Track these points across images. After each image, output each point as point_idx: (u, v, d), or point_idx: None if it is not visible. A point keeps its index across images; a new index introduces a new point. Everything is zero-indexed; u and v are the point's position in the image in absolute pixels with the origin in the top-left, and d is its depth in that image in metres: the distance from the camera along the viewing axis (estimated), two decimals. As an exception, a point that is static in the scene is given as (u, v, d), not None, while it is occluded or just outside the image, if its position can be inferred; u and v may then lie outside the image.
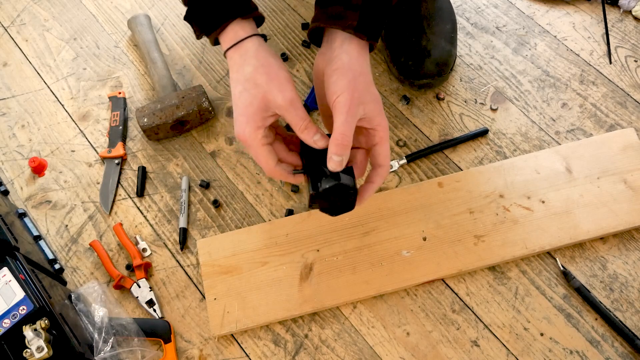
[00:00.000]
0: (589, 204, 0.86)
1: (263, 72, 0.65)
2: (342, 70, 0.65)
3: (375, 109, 0.66)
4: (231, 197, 0.95)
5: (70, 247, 0.94)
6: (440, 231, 0.86)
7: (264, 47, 0.67)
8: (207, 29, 0.69)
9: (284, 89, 0.64)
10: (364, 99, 0.65)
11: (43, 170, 1.01)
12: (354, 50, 0.66)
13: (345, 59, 0.66)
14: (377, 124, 0.66)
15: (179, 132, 1.00)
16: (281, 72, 0.65)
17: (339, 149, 0.63)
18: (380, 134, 0.67)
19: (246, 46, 0.67)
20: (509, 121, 0.95)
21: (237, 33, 0.67)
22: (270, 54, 0.67)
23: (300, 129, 0.65)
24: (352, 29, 0.65)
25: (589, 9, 1.03)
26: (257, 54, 0.66)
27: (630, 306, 0.81)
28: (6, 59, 1.13)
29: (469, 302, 0.84)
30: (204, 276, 0.87)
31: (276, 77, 0.65)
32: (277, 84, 0.64)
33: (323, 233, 0.88)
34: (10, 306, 0.76)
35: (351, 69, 0.65)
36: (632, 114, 0.94)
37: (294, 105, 0.64)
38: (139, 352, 0.84)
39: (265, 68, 0.65)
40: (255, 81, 0.65)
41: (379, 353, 0.82)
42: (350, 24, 0.65)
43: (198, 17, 0.70)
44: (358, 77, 0.65)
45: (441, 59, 0.93)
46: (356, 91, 0.64)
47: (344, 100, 0.63)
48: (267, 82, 0.64)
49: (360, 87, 0.65)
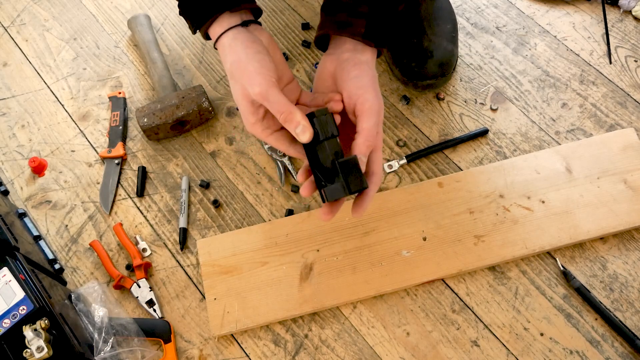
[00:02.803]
0: (589, 204, 0.86)
1: (236, 67, 0.65)
2: (363, 67, 0.66)
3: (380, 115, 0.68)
4: (231, 197, 0.95)
5: (70, 247, 0.94)
6: (440, 231, 0.86)
7: (238, 38, 0.66)
8: (197, 23, 0.69)
9: (253, 82, 0.63)
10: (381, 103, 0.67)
11: (43, 170, 1.01)
12: (367, 53, 0.68)
13: (363, 59, 0.67)
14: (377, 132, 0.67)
15: (179, 132, 1.00)
16: (250, 64, 0.64)
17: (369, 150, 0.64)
18: (378, 142, 0.67)
19: (223, 41, 0.67)
20: (509, 121, 0.95)
21: (222, 25, 0.67)
22: (242, 45, 0.65)
23: (280, 120, 0.63)
24: (360, 36, 0.66)
25: (589, 9, 1.03)
26: (230, 49, 0.66)
27: (630, 306, 0.81)
28: (6, 59, 1.13)
29: (469, 302, 0.84)
30: (204, 276, 0.87)
31: (246, 70, 0.64)
32: (247, 77, 0.64)
33: (323, 233, 0.88)
34: (10, 306, 0.76)
35: (370, 69, 0.67)
36: (632, 114, 0.94)
37: (267, 97, 0.63)
38: (139, 352, 0.84)
39: (237, 63, 0.65)
40: (233, 77, 0.66)
41: (379, 353, 0.82)
42: (358, 31, 0.66)
43: (188, 12, 0.70)
44: (375, 79, 0.67)
45: (444, 59, 0.93)
46: (379, 94, 0.66)
47: (372, 98, 0.64)
48: (240, 77, 0.65)
49: (378, 89, 0.67)
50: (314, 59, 1.04)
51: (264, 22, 1.09)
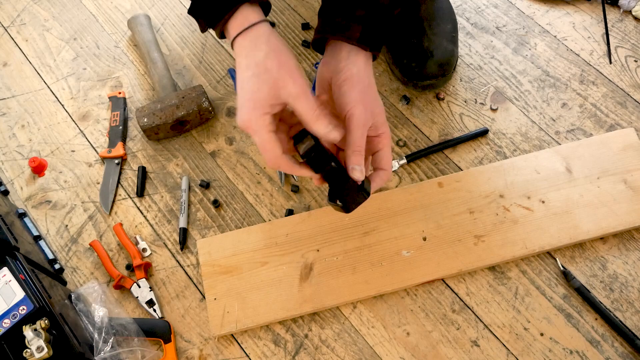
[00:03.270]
0: (589, 204, 0.86)
1: (274, 57, 0.63)
2: (351, 81, 0.67)
3: (381, 118, 0.69)
4: (231, 197, 0.95)
5: (70, 247, 0.94)
6: (440, 231, 0.86)
7: (275, 33, 0.66)
8: (215, 16, 0.66)
9: (296, 77, 0.63)
10: (373, 109, 0.68)
11: (43, 170, 1.01)
12: (360, 61, 0.68)
13: (354, 70, 0.67)
14: (382, 132, 0.69)
15: (179, 132, 1.00)
16: (292, 60, 0.64)
17: (360, 160, 0.66)
18: (384, 141, 0.69)
19: (257, 31, 0.65)
20: (509, 121, 0.95)
21: (248, 18, 0.65)
22: (281, 41, 0.65)
23: (312, 118, 0.63)
24: (355, 40, 0.67)
25: (589, 9, 1.03)
26: (269, 40, 0.64)
27: (630, 306, 0.81)
28: (6, 59, 1.13)
29: (469, 302, 0.84)
30: (204, 276, 0.87)
31: (287, 64, 0.63)
32: (288, 71, 0.63)
33: (323, 233, 0.88)
34: (10, 306, 0.76)
35: (360, 80, 0.67)
36: (632, 114, 0.94)
37: (306, 93, 0.63)
38: (139, 352, 0.84)
39: (276, 54, 0.63)
40: (266, 67, 0.63)
41: (379, 353, 0.82)
42: (354, 36, 0.67)
43: (205, 7, 0.68)
44: (367, 89, 0.68)
45: (444, 59, 0.93)
46: (368, 103, 0.67)
47: (358, 113, 0.66)
48: (278, 69, 0.63)
49: (370, 98, 0.67)
50: (314, 59, 1.04)
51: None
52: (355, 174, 0.66)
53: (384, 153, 0.70)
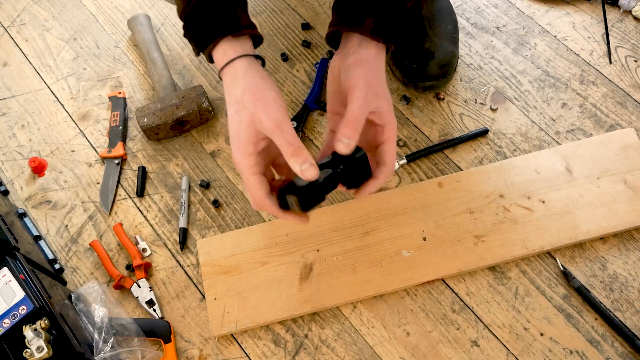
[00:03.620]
0: (589, 204, 0.86)
1: (250, 93, 0.64)
2: (359, 62, 0.67)
3: (386, 106, 0.67)
4: (231, 197, 0.95)
5: (70, 247, 0.94)
6: (440, 231, 0.86)
7: (254, 67, 0.66)
8: (200, 45, 0.69)
9: (270, 110, 0.62)
10: (378, 92, 0.66)
11: (43, 170, 1.01)
12: (372, 49, 0.68)
13: (363, 53, 0.67)
14: (386, 121, 0.66)
15: (179, 132, 1.00)
16: (268, 92, 0.64)
17: (350, 132, 0.62)
18: (388, 132, 0.67)
19: (235, 67, 0.66)
20: (509, 121, 0.95)
21: (227, 53, 0.66)
22: (259, 74, 0.66)
23: (287, 153, 0.61)
24: (368, 32, 0.67)
25: (589, 9, 1.03)
26: (246, 75, 0.65)
27: (630, 306, 0.81)
28: (6, 59, 1.13)
29: (469, 302, 0.84)
30: (204, 276, 0.87)
31: (262, 97, 0.63)
32: (262, 104, 0.63)
33: (323, 233, 0.88)
34: (10, 306, 0.76)
35: (368, 61, 0.67)
36: (632, 114, 0.94)
37: (281, 127, 0.62)
38: (139, 352, 0.84)
39: (252, 89, 0.64)
40: (243, 103, 0.64)
41: (379, 353, 0.82)
42: (367, 28, 0.67)
43: (192, 34, 0.69)
44: (374, 70, 0.67)
45: (445, 60, 0.93)
46: (372, 82, 0.66)
47: (360, 86, 0.64)
48: (253, 103, 0.63)
49: (375, 79, 0.66)
50: (314, 59, 1.04)
51: (264, 22, 1.09)
52: (339, 146, 0.62)
53: (387, 147, 0.67)
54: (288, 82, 1.03)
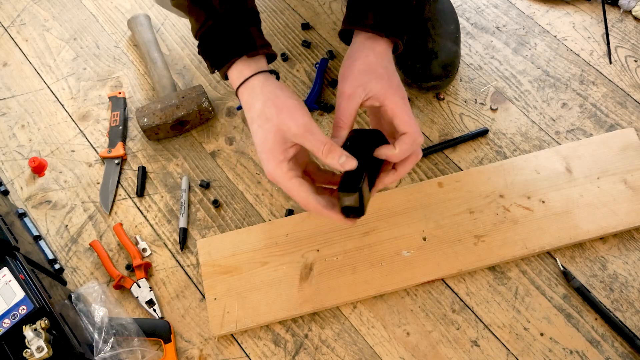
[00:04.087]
0: (589, 204, 0.86)
1: (271, 104, 0.65)
2: (345, 61, 0.68)
3: (379, 85, 0.66)
4: (231, 197, 0.95)
5: (70, 247, 0.94)
6: (440, 231, 0.86)
7: (271, 81, 0.67)
8: (216, 64, 0.69)
9: (296, 116, 0.63)
10: (362, 79, 0.66)
11: (43, 170, 1.01)
12: (359, 40, 0.69)
13: (351, 48, 0.69)
14: (383, 98, 0.66)
15: (179, 132, 1.00)
16: (290, 100, 0.65)
17: (336, 131, 0.66)
18: (390, 106, 0.66)
19: (252, 83, 0.67)
20: (509, 121, 0.95)
21: (242, 72, 0.67)
22: (277, 86, 0.67)
23: (323, 153, 0.63)
24: (369, 27, 0.68)
25: (589, 9, 1.03)
26: (263, 89, 0.66)
27: (630, 306, 0.81)
28: (6, 59, 1.13)
29: (469, 302, 0.84)
30: (204, 276, 0.87)
31: (284, 106, 0.64)
32: (287, 113, 0.64)
33: (323, 233, 0.88)
34: (10, 306, 0.76)
35: (352, 57, 0.68)
36: (632, 114, 0.94)
37: (310, 130, 0.63)
38: (139, 352, 0.84)
39: (272, 100, 0.65)
40: (265, 116, 0.64)
41: (379, 353, 0.82)
42: (367, 23, 0.68)
43: (207, 53, 0.70)
44: (355, 62, 0.67)
45: (447, 60, 0.93)
46: (351, 75, 0.67)
47: (340, 82, 0.67)
48: (277, 114, 0.64)
49: (356, 69, 0.67)
50: (314, 59, 1.04)
51: (264, 22, 1.09)
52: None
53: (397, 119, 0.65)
54: (288, 82, 1.03)
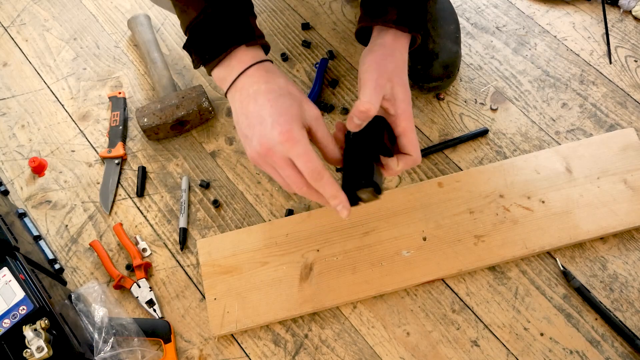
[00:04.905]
0: (589, 204, 0.86)
1: (294, 85, 0.66)
2: (372, 51, 0.68)
3: (402, 94, 0.66)
4: (231, 197, 0.95)
5: (70, 247, 0.94)
6: (440, 231, 0.86)
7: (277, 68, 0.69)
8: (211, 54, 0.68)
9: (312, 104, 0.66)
10: (392, 77, 0.66)
11: (43, 170, 1.01)
12: (388, 37, 0.69)
13: (378, 42, 0.68)
14: (401, 111, 0.66)
15: (179, 132, 1.00)
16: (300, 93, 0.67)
17: (362, 115, 0.64)
18: (403, 123, 0.66)
19: (268, 65, 0.67)
20: (509, 121, 0.95)
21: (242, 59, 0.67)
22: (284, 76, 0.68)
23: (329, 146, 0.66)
24: (392, 23, 0.68)
25: (589, 9, 1.03)
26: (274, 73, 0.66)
27: (630, 306, 0.81)
28: (6, 59, 1.13)
29: (469, 302, 0.84)
30: (204, 276, 0.87)
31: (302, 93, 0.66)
32: (306, 98, 0.66)
33: (323, 233, 0.88)
34: (10, 306, 0.76)
35: (382, 49, 0.68)
36: (632, 114, 0.94)
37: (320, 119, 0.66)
38: (139, 352, 0.84)
39: (293, 84, 0.67)
40: (289, 91, 0.65)
41: (379, 353, 0.82)
42: (390, 19, 0.68)
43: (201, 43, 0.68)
44: (387, 57, 0.67)
45: (449, 60, 0.93)
46: (384, 66, 0.66)
47: (371, 70, 0.65)
48: (299, 94, 0.65)
49: (389, 65, 0.66)
50: (314, 59, 1.04)
51: (264, 22, 1.09)
52: (350, 124, 0.65)
53: (405, 139, 0.67)
54: (288, 82, 1.03)
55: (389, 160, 0.67)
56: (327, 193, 0.63)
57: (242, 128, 0.66)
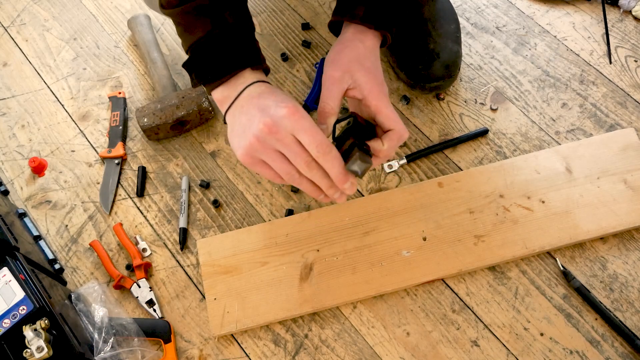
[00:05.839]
0: (589, 204, 0.86)
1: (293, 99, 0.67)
2: (332, 48, 0.69)
3: (364, 77, 0.67)
4: (231, 197, 0.95)
5: (70, 247, 0.94)
6: (440, 231, 0.86)
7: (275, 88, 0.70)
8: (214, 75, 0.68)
9: None
10: (350, 68, 0.66)
11: (43, 170, 1.01)
12: (349, 31, 0.70)
13: (339, 38, 0.70)
14: (367, 92, 0.67)
15: (179, 132, 1.00)
16: None
17: (321, 117, 0.66)
18: (373, 102, 0.67)
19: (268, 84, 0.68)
20: (509, 121, 0.95)
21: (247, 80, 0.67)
22: None
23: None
24: (358, 19, 0.68)
25: (589, 9, 1.03)
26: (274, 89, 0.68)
27: (630, 306, 0.81)
28: (6, 59, 1.13)
29: (469, 302, 0.84)
30: (204, 276, 0.87)
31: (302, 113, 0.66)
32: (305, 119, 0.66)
33: (323, 233, 0.88)
34: (10, 306, 0.76)
35: (340, 44, 0.69)
36: (632, 114, 0.94)
37: None
38: (139, 352, 0.84)
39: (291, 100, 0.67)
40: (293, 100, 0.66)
41: (379, 353, 0.82)
42: (357, 14, 0.68)
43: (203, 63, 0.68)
44: (344, 49, 0.68)
45: (450, 60, 0.93)
46: (338, 60, 0.67)
47: (326, 69, 0.67)
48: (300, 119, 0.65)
49: (345, 57, 0.67)
50: (314, 59, 1.04)
51: (264, 22, 1.09)
52: None
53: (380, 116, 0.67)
54: (288, 82, 1.03)
55: (373, 143, 0.66)
56: (335, 170, 0.63)
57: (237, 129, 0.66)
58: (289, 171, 0.64)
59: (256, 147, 0.63)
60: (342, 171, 0.63)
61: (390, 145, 0.66)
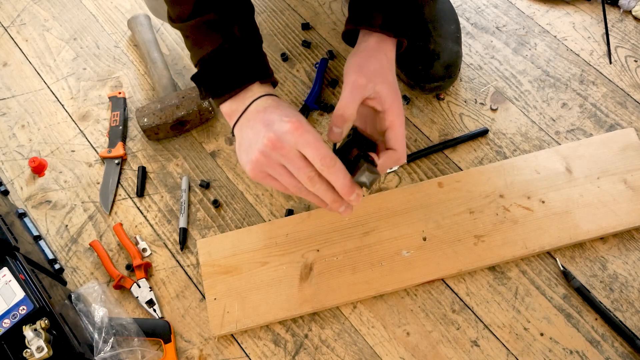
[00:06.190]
0: (589, 204, 0.86)
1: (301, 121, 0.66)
2: (355, 54, 0.69)
3: (387, 91, 0.67)
4: (231, 197, 0.95)
5: (70, 247, 0.94)
6: (440, 231, 0.86)
7: None
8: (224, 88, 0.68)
9: None
10: (374, 78, 0.66)
11: (43, 170, 1.01)
12: (372, 40, 0.69)
13: (362, 45, 0.69)
14: (388, 106, 0.66)
15: (179, 132, 1.00)
16: None
17: (338, 121, 0.64)
18: (390, 117, 0.67)
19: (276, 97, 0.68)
20: (509, 121, 0.95)
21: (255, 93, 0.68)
22: None
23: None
24: (377, 27, 0.68)
25: (589, 9, 1.03)
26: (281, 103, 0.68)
27: (630, 306, 0.81)
28: (6, 59, 1.13)
29: (469, 302, 0.84)
30: (204, 276, 0.87)
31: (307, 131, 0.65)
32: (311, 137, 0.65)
33: (323, 233, 0.88)
34: (10, 306, 0.76)
35: (365, 51, 0.68)
36: (632, 114, 0.94)
37: None
38: (139, 352, 0.84)
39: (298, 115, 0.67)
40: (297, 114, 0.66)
41: (379, 353, 0.82)
42: (376, 23, 0.68)
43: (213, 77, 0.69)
44: (370, 58, 0.68)
45: (450, 60, 0.93)
46: (365, 68, 0.66)
47: (350, 73, 0.66)
48: None
49: (371, 66, 0.67)
50: (314, 59, 1.04)
51: (264, 22, 1.09)
52: (330, 135, 0.65)
53: (391, 133, 0.67)
54: (288, 82, 1.03)
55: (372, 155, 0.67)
56: (340, 182, 0.62)
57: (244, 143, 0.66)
58: (295, 185, 0.64)
59: (262, 162, 0.64)
60: (348, 183, 0.63)
61: (385, 164, 0.67)
